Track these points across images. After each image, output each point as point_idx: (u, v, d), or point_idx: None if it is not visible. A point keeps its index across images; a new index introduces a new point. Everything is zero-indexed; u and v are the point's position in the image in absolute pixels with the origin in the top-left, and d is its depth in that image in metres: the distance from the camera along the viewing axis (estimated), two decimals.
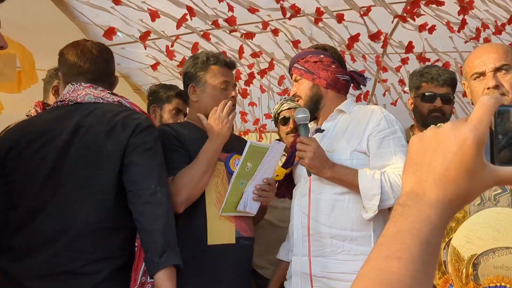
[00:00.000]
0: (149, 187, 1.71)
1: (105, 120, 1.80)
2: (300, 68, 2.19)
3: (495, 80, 1.79)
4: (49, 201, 1.71)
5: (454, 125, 0.60)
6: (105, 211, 1.73)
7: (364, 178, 1.92)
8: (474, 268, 1.47)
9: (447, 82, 2.53)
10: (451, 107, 2.55)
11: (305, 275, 2.01)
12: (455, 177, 0.59)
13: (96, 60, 1.91)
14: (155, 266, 1.62)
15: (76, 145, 1.77)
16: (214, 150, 2.04)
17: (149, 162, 1.77)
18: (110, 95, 1.90)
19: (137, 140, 1.78)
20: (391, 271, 0.54)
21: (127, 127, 1.79)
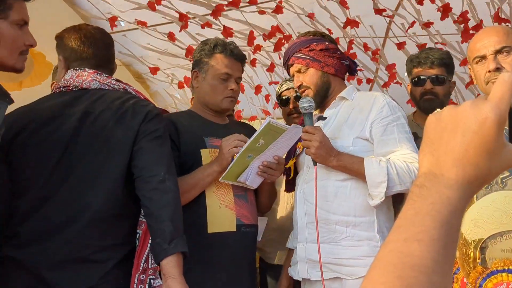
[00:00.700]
0: (158, 174, 1.69)
1: (114, 106, 1.78)
2: (304, 58, 2.15)
3: (495, 63, 1.78)
4: (58, 189, 1.69)
5: (474, 103, 0.58)
6: (115, 198, 1.71)
7: (370, 165, 1.92)
8: (482, 252, 1.46)
9: (436, 63, 2.48)
10: (445, 87, 2.48)
11: (311, 261, 2.01)
12: (475, 157, 0.56)
13: (99, 45, 1.88)
14: (164, 252, 1.61)
15: (85, 132, 1.74)
16: (206, 172, 2.01)
17: (159, 150, 1.76)
18: (116, 82, 1.88)
19: (147, 127, 1.76)
20: (412, 253, 0.52)
21: (138, 114, 1.77)
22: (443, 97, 2.48)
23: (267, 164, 2.03)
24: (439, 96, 2.47)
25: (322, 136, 1.93)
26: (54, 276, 1.64)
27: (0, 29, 1.53)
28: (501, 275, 1.39)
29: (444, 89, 2.49)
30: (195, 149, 2.09)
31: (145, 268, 1.70)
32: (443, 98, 2.49)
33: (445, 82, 2.49)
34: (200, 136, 2.12)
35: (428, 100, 2.48)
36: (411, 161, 1.94)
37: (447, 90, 2.51)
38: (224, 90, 2.17)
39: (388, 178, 1.88)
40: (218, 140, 2.14)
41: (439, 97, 2.47)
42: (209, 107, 2.22)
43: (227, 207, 2.06)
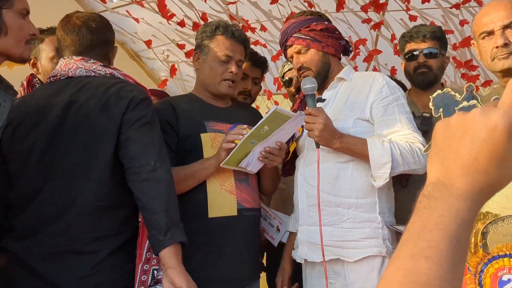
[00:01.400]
0: (148, 164, 1.64)
1: (98, 94, 1.72)
2: (305, 38, 2.10)
3: (503, 38, 1.73)
4: (47, 181, 1.67)
5: (483, 110, 0.56)
6: (104, 190, 1.68)
7: (373, 147, 1.89)
8: (483, 237, 1.44)
9: (428, 36, 2.45)
10: (438, 61, 2.46)
11: (312, 244, 2.01)
12: (485, 165, 0.55)
13: (80, 32, 1.83)
14: (160, 244, 1.59)
15: (70, 121, 1.71)
16: (204, 166, 1.99)
17: (147, 137, 1.69)
18: (102, 67, 1.82)
19: (133, 114, 1.70)
20: (419, 271, 0.50)
21: (121, 100, 1.71)
22: (436, 70, 2.46)
23: (269, 150, 2.00)
24: (432, 69, 2.45)
25: (325, 119, 1.89)
26: (45, 267, 1.63)
27: (7, 19, 1.50)
28: (502, 260, 1.38)
29: (437, 62, 2.46)
30: (195, 133, 2.06)
31: (149, 258, 1.69)
32: (437, 72, 2.46)
33: (438, 55, 2.47)
34: (200, 120, 2.09)
35: (421, 73, 2.46)
36: (413, 141, 1.92)
37: (440, 63, 2.48)
38: (224, 72, 2.13)
39: (392, 158, 1.87)
40: (218, 124, 2.12)
41: (432, 70, 2.45)
42: (208, 90, 2.18)
43: (228, 191, 2.04)
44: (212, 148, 2.05)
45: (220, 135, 2.08)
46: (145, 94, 1.78)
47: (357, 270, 1.95)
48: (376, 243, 1.94)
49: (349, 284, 1.96)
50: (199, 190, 2.01)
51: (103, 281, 1.65)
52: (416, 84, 2.50)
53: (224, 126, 2.11)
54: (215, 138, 2.07)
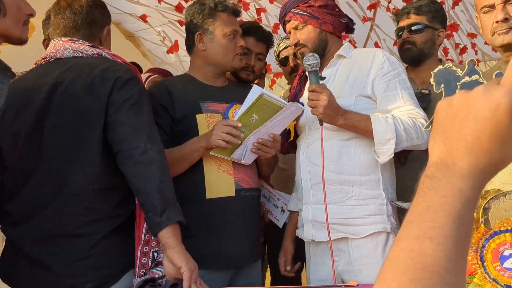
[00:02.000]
0: (138, 146, 1.61)
1: (83, 75, 1.69)
2: (302, 14, 2.07)
3: (504, 13, 1.70)
4: (36, 164, 1.66)
5: (486, 88, 0.55)
6: (96, 172, 1.66)
7: (377, 123, 1.88)
8: (485, 213, 1.44)
9: (412, 12, 2.46)
10: (423, 35, 2.44)
11: (317, 222, 2.01)
12: (488, 145, 0.54)
13: (64, 13, 1.81)
14: (157, 226, 1.58)
15: (56, 103, 1.68)
16: (193, 148, 1.96)
17: (136, 119, 1.65)
18: (90, 47, 1.79)
19: (119, 95, 1.65)
20: (425, 252, 0.50)
21: (106, 81, 1.67)
22: (422, 45, 2.44)
23: (262, 142, 1.98)
24: (416, 45, 2.44)
25: (329, 95, 1.87)
26: (40, 251, 1.63)
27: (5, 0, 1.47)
28: (504, 235, 1.38)
29: (423, 37, 2.45)
30: (191, 114, 2.04)
31: (148, 240, 1.68)
32: (422, 46, 2.45)
33: (422, 30, 2.44)
34: (195, 101, 2.07)
35: (406, 49, 2.47)
36: (415, 117, 1.92)
37: (427, 38, 2.46)
38: (235, 47, 2.13)
39: (396, 134, 1.86)
40: (214, 104, 2.09)
41: (416, 45, 2.44)
42: (220, 68, 2.16)
43: (225, 172, 2.03)
44: (208, 128, 2.02)
45: (216, 115, 2.06)
46: (131, 74, 1.74)
47: (362, 246, 1.96)
48: (381, 220, 1.95)
49: (353, 261, 1.97)
50: (196, 171, 2.00)
51: (98, 263, 1.65)
52: (403, 60, 2.51)
53: (220, 106, 2.09)
54: (210, 119, 2.05)
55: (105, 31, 1.90)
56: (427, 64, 2.44)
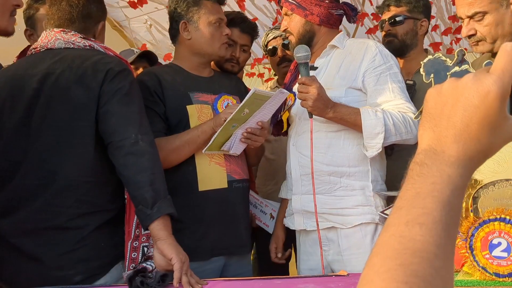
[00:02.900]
0: (129, 137, 1.59)
1: (75, 66, 1.67)
2: (291, 2, 2.06)
3: (467, 30, 1.71)
4: (26, 154, 1.64)
5: (476, 76, 0.55)
6: (87, 165, 1.65)
7: (367, 116, 1.88)
8: (474, 202, 1.45)
9: (392, 4, 2.47)
10: (404, 27, 2.45)
11: (306, 212, 2.03)
12: (477, 132, 0.54)
13: (60, 5, 1.78)
14: (148, 218, 1.57)
15: (46, 94, 1.66)
16: (200, 129, 1.95)
17: (127, 110, 1.64)
18: (82, 39, 1.76)
19: (111, 87, 1.64)
20: (414, 238, 0.50)
21: (98, 72, 1.65)
22: (403, 36, 2.46)
23: (251, 131, 1.98)
24: (397, 36, 2.46)
25: (319, 88, 1.85)
26: (29, 243, 1.62)
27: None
28: (493, 224, 1.39)
29: (404, 28, 2.46)
30: (181, 105, 2.02)
31: (137, 235, 1.67)
32: (404, 37, 2.46)
33: (403, 21, 2.45)
34: (185, 92, 2.05)
35: (388, 42, 2.47)
36: (405, 111, 1.92)
37: (408, 29, 2.47)
38: (220, 36, 2.10)
39: (385, 129, 1.86)
40: (204, 95, 2.08)
41: (397, 37, 2.46)
42: (205, 57, 2.13)
43: (217, 163, 2.02)
44: (199, 120, 2.02)
45: (205, 106, 2.05)
46: (123, 66, 1.72)
47: (351, 237, 1.98)
48: (369, 211, 1.96)
49: (343, 251, 1.99)
50: (188, 164, 1.99)
51: (87, 256, 1.64)
52: None
53: (209, 97, 2.08)
54: (201, 110, 2.04)
55: (99, 26, 1.87)
56: (411, 55, 2.46)
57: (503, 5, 1.64)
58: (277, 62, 2.71)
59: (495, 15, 1.65)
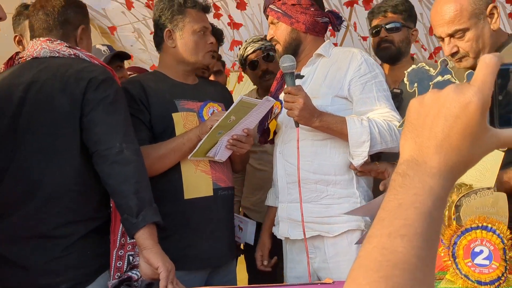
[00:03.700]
0: (114, 146, 1.59)
1: (59, 74, 1.67)
2: (277, 11, 2.07)
3: (450, 48, 1.72)
4: (11, 162, 1.63)
5: (457, 88, 0.56)
6: (72, 174, 1.64)
7: (353, 125, 1.89)
8: (456, 210, 1.47)
9: (389, 10, 2.46)
10: (400, 34, 2.45)
11: (292, 220, 2.03)
12: (458, 143, 0.55)
13: (38, 14, 1.79)
14: (133, 227, 1.56)
15: (30, 102, 1.65)
16: (186, 137, 1.95)
17: (112, 119, 1.64)
18: (67, 48, 1.76)
19: (94, 95, 1.64)
20: (395, 250, 0.51)
21: (81, 81, 1.65)
22: (399, 43, 2.46)
23: (236, 138, 1.98)
24: (394, 43, 2.45)
25: (305, 97, 1.86)
26: (13, 250, 1.61)
27: None
28: (475, 232, 1.41)
29: (400, 35, 2.46)
30: (167, 113, 2.02)
31: (123, 244, 1.66)
32: (400, 45, 2.46)
33: (400, 29, 2.46)
34: (171, 100, 2.04)
35: (384, 48, 2.47)
36: (390, 119, 1.94)
37: (404, 36, 2.48)
38: (205, 45, 2.10)
39: (371, 137, 1.87)
40: (189, 102, 2.08)
41: (394, 44, 2.45)
42: (190, 66, 2.13)
43: (203, 171, 2.02)
44: (185, 128, 2.01)
45: (191, 114, 2.05)
46: (106, 75, 1.72)
47: (337, 244, 1.98)
48: (355, 218, 1.97)
49: (329, 258, 2.00)
50: (174, 171, 1.99)
51: (73, 264, 1.63)
52: (380, 59, 2.52)
53: (195, 104, 2.08)
54: (186, 117, 2.04)
55: (79, 30, 1.86)
56: (401, 63, 2.47)
57: (480, 19, 1.65)
58: (259, 76, 2.68)
59: (475, 30, 1.66)
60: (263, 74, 2.66)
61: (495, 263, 1.38)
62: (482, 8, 1.64)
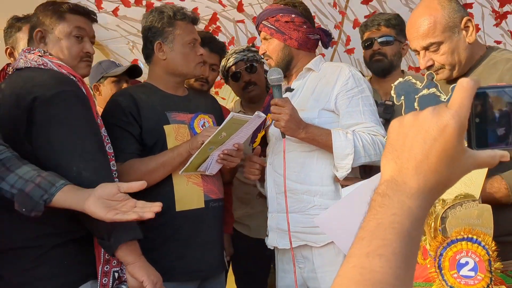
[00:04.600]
0: (70, 170, 1.51)
1: (18, 88, 1.61)
2: (270, 27, 2.12)
3: (425, 62, 1.73)
4: None
5: (435, 110, 0.58)
6: None
7: (337, 138, 1.93)
8: (442, 222, 1.48)
9: (383, 24, 2.51)
10: (393, 48, 2.51)
11: (281, 230, 2.06)
12: (436, 164, 0.57)
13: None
14: (109, 249, 1.53)
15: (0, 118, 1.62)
16: (176, 152, 1.95)
17: (64, 138, 1.55)
18: (39, 57, 1.71)
19: (42, 115, 1.54)
20: (374, 269, 0.52)
21: (25, 99, 1.56)
22: (392, 57, 2.51)
23: (227, 152, 2.00)
24: (387, 56, 2.50)
25: (291, 109, 1.91)
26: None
27: None
28: (460, 244, 1.42)
29: (393, 49, 2.51)
30: (158, 125, 2.03)
31: (108, 259, 1.62)
32: (392, 58, 2.51)
33: (393, 42, 2.51)
34: (162, 112, 2.05)
35: (376, 60, 2.51)
36: (375, 134, 1.98)
37: (396, 50, 2.53)
38: (195, 56, 2.12)
39: (354, 150, 1.91)
40: (180, 114, 2.09)
41: (387, 57, 2.50)
42: (181, 77, 2.15)
43: (195, 183, 2.03)
44: (176, 140, 2.02)
45: (182, 126, 2.06)
46: (56, 90, 1.60)
47: (324, 254, 2.00)
48: None
49: (317, 268, 2.02)
50: (165, 184, 1.99)
51: (50, 273, 1.57)
52: (372, 71, 2.55)
53: (186, 116, 2.09)
54: (178, 130, 2.04)
55: (33, 32, 1.79)
56: (392, 75, 2.50)
57: (455, 32, 1.66)
58: (242, 87, 2.67)
59: (449, 43, 1.67)
60: (246, 85, 2.65)
61: (481, 275, 1.39)
62: (457, 21, 1.65)
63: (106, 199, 1.42)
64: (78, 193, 1.46)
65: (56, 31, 1.77)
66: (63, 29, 1.77)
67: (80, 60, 1.81)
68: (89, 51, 1.83)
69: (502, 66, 1.62)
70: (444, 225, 1.48)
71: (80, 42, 1.80)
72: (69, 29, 1.78)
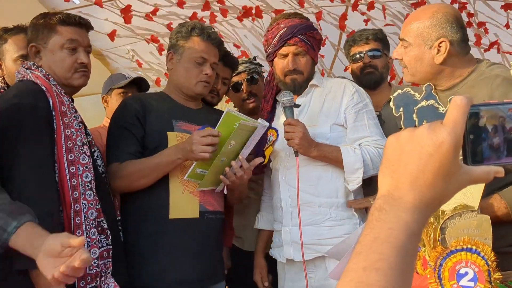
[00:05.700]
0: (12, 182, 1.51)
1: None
2: (307, 43, 2.16)
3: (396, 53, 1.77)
4: None
5: (431, 127, 0.59)
6: None
7: (347, 154, 2.05)
8: (442, 232, 1.50)
9: (371, 38, 2.56)
10: (382, 60, 2.56)
11: (296, 243, 2.10)
12: (432, 180, 0.58)
13: None
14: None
15: None
16: (169, 160, 1.94)
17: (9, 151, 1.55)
18: (24, 70, 1.72)
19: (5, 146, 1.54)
20: (371, 283, 0.53)
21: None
22: (382, 69, 2.56)
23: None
24: (378, 69, 2.56)
25: (304, 127, 2.01)
26: None
27: None
28: (460, 254, 1.44)
29: (382, 62, 2.57)
30: (162, 131, 2.03)
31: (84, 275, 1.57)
32: (382, 71, 2.57)
33: (381, 55, 2.57)
34: (168, 119, 2.06)
35: (368, 73, 2.56)
36: (380, 147, 2.08)
37: (385, 63, 2.59)
38: (199, 74, 2.10)
39: (364, 164, 2.02)
40: (187, 124, 2.09)
41: (378, 69, 2.55)
42: (182, 91, 2.15)
43: (191, 193, 2.01)
44: None
45: (187, 135, 2.02)
46: (10, 102, 1.60)
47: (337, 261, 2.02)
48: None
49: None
50: (161, 190, 1.98)
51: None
52: (364, 84, 2.55)
53: (192, 127, 2.07)
54: (182, 138, 2.03)
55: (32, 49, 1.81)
56: (381, 88, 2.55)
57: (426, 44, 1.67)
58: (243, 98, 2.66)
59: (416, 50, 1.69)
60: (247, 97, 2.64)
61: (480, 285, 1.40)
62: (432, 37, 1.66)
63: (52, 257, 1.30)
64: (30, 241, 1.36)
65: (49, 45, 1.79)
66: (55, 43, 1.78)
67: (75, 72, 1.81)
68: (84, 61, 1.82)
69: (491, 82, 1.62)
70: (443, 236, 1.49)
71: (73, 54, 1.80)
72: (61, 42, 1.78)
